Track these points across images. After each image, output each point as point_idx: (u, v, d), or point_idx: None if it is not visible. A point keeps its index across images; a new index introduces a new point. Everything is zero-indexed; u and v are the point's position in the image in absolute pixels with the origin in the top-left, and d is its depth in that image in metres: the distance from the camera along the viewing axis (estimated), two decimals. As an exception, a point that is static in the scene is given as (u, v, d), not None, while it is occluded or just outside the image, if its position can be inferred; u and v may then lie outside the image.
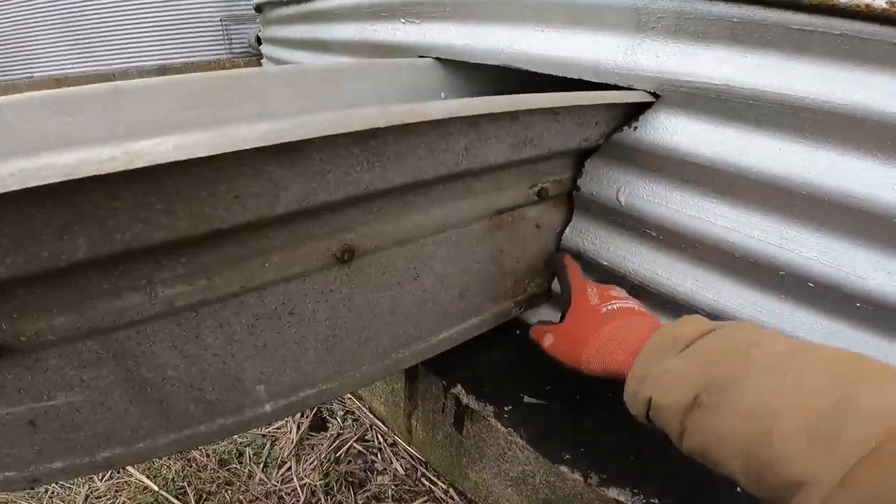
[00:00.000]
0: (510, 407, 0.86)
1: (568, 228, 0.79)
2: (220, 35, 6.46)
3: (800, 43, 0.55)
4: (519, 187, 0.69)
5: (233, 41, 6.59)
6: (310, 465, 1.14)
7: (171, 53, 6.38)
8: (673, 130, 0.64)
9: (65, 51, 6.24)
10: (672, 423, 0.45)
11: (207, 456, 1.15)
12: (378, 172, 0.48)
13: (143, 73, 6.28)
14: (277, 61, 1.87)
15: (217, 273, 0.45)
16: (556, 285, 0.85)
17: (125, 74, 6.25)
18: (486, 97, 0.51)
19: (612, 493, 0.73)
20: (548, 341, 0.65)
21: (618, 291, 0.64)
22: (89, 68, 6.18)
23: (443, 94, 0.93)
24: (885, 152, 0.53)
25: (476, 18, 0.87)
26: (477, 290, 0.73)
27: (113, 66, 6.23)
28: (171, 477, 1.11)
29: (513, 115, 0.55)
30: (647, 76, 0.65)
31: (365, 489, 1.10)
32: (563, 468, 0.78)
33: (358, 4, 1.13)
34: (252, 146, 0.33)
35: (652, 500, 0.70)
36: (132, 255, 0.39)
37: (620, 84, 0.68)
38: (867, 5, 0.51)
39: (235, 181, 0.38)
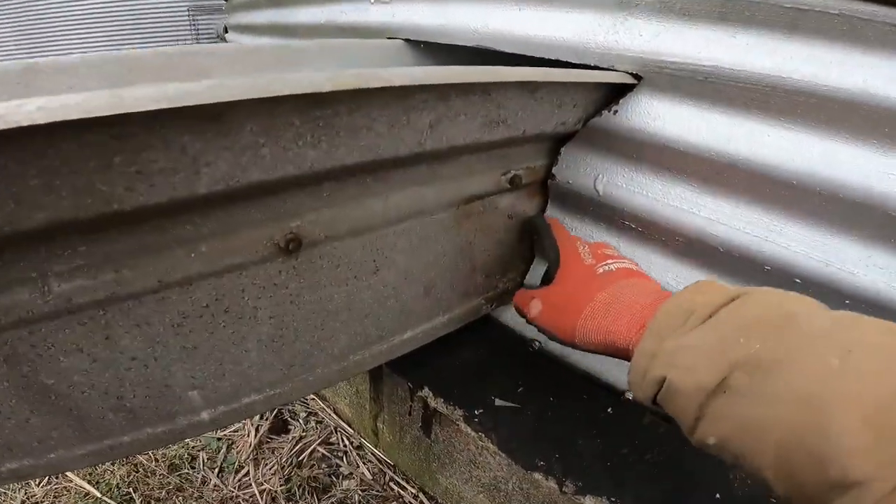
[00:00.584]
0: (481, 410, 0.80)
1: (543, 220, 0.74)
2: (186, 25, 6.28)
3: (793, 22, 0.51)
4: (490, 174, 0.63)
5: (200, 32, 6.40)
6: (270, 469, 1.07)
7: (135, 44, 6.17)
8: (655, 115, 0.59)
9: (23, 40, 5.92)
10: (688, 409, 0.38)
11: (156, 461, 1.06)
12: (325, 149, 0.41)
13: None
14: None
15: (128, 265, 0.38)
16: (528, 280, 0.80)
17: None
18: (457, 66, 0.45)
19: (588, 501, 0.68)
20: (534, 310, 0.56)
21: (612, 249, 0.56)
22: (50, 56, 5.95)
23: None
24: (881, 140, 0.49)
25: None
26: (444, 286, 0.67)
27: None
28: (115, 483, 1.03)
29: (486, 89, 0.49)
30: (630, 56, 0.60)
31: (330, 494, 1.04)
32: (537, 475, 0.73)
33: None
34: (145, 109, 0.26)
35: (628, 511, 0.65)
36: (12, 242, 0.32)
37: (601, 65, 0.63)
38: None
39: (138, 153, 0.31)
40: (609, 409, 0.79)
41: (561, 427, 0.78)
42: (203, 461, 1.07)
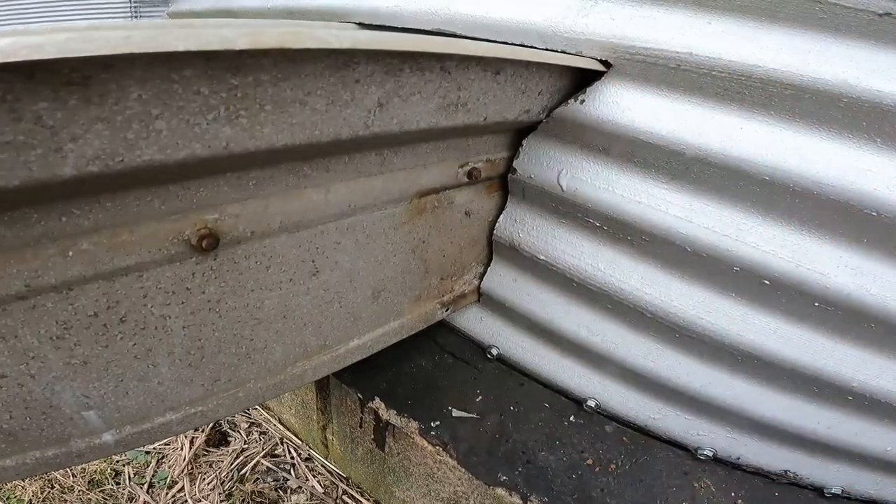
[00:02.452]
0: (437, 422, 0.74)
1: (501, 217, 0.68)
2: (128, 17, 5.90)
3: (771, 9, 0.47)
4: (446, 166, 0.56)
5: None
6: (208, 484, 0.96)
7: None
8: (624, 105, 0.54)
9: None
10: None
11: (74, 476, 0.94)
12: (246, 126, 0.33)
13: None
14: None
15: (-25, 266, 0.29)
16: (486, 283, 0.74)
17: None
18: (411, 34, 0.38)
19: None
20: None
21: None
22: None
23: None
24: (858, 135, 0.46)
25: None
26: (395, 289, 0.60)
27: None
28: (26, 499, 0.90)
29: (444, 66, 0.42)
30: (600, 41, 0.55)
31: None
32: (500, 490, 0.67)
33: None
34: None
35: (593, 529, 0.61)
36: None
37: (569, 51, 0.57)
38: None
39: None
40: (572, 418, 0.75)
41: (523, 438, 0.73)
42: (129, 476, 0.95)
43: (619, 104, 0.55)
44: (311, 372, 0.56)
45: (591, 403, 0.73)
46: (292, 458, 1.01)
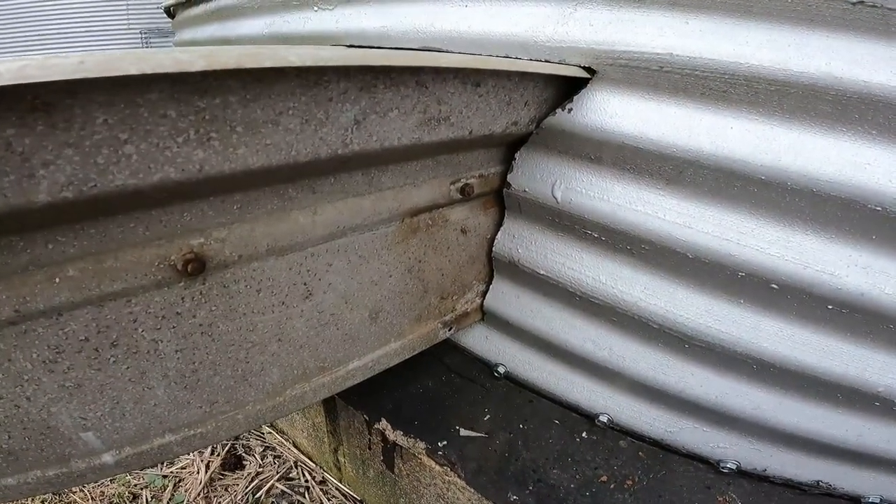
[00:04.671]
0: (444, 442, 0.72)
1: (499, 233, 0.67)
2: (140, 48, 6.24)
3: (745, 4, 0.46)
4: (437, 183, 0.56)
5: None
6: (223, 508, 0.96)
7: None
8: (612, 111, 0.54)
9: None
10: None
11: (92, 499, 0.94)
12: (218, 149, 0.34)
13: None
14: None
15: (-37, 294, 0.30)
16: (489, 301, 0.72)
17: None
18: (381, 49, 0.39)
19: None
20: None
21: None
22: None
23: None
24: (851, 126, 0.44)
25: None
26: (393, 310, 0.59)
27: None
28: None
29: (420, 80, 0.42)
30: (581, 48, 0.55)
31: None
32: (508, 511, 0.64)
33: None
34: None
35: (606, 553, 0.57)
36: None
37: (552, 60, 0.57)
38: None
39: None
40: (584, 434, 0.72)
41: (533, 456, 0.70)
42: (147, 500, 0.95)
43: (607, 110, 0.54)
44: (310, 394, 0.55)
45: (604, 419, 0.70)
46: (306, 481, 0.99)
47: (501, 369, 0.77)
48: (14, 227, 0.30)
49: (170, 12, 1.55)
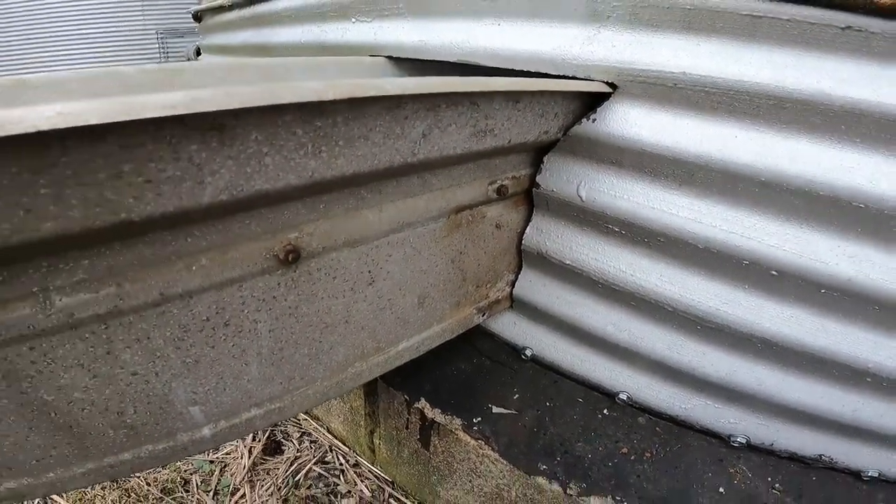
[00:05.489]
0: (478, 419, 0.80)
1: (528, 228, 0.76)
2: (155, 49, 6.16)
3: (750, 29, 0.55)
4: (478, 184, 0.65)
5: (170, 55, 6.30)
6: (266, 490, 1.04)
7: (108, 65, 6.13)
8: (631, 121, 0.62)
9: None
10: None
11: (148, 484, 1.02)
12: (325, 159, 0.42)
13: None
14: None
15: (130, 278, 0.38)
16: (518, 289, 0.81)
17: None
18: (446, 77, 0.47)
19: (594, 502, 0.68)
20: None
21: None
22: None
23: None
24: (838, 136, 0.52)
25: (430, 13, 0.83)
26: (437, 296, 0.68)
27: None
28: None
29: (473, 100, 0.51)
30: (605, 66, 0.63)
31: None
32: (541, 479, 0.73)
33: (307, 4, 1.08)
34: (159, 115, 0.27)
35: (630, 508, 0.66)
36: (16, 255, 0.32)
37: (579, 76, 0.66)
38: None
39: (147, 162, 0.32)
40: (605, 411, 0.80)
41: (560, 431, 0.78)
42: (196, 484, 1.03)
43: (627, 121, 0.62)
44: (367, 372, 0.64)
45: (623, 396, 0.79)
46: (341, 464, 1.08)
47: (528, 352, 0.85)
48: (167, 225, 0.38)
49: (197, 17, 1.63)
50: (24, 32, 5.79)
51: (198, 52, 2.28)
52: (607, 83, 0.63)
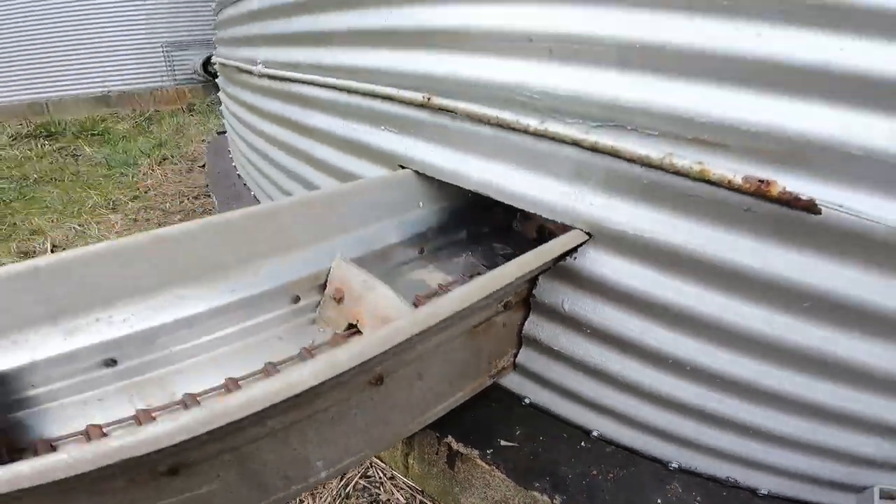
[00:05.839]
0: (490, 450, 1.11)
1: (527, 322, 1.04)
2: (161, 62, 6.29)
3: (687, 205, 0.80)
4: (492, 308, 0.93)
5: (176, 68, 6.41)
6: (324, 500, 1.35)
7: (110, 81, 6.16)
8: (602, 262, 0.90)
9: (18, 76, 5.82)
10: None
11: None
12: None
13: (80, 100, 6.02)
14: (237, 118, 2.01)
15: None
16: (519, 359, 1.11)
17: (59, 103, 5.96)
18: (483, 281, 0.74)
19: None
20: None
21: None
22: (20, 96, 5.87)
23: (420, 203, 1.13)
24: (752, 297, 0.80)
25: (452, 145, 1.07)
26: (462, 376, 0.97)
27: (47, 94, 5.94)
28: None
29: (505, 289, 0.79)
30: (584, 218, 0.90)
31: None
32: (535, 493, 1.04)
33: (338, 101, 1.32)
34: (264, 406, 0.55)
35: (596, 519, 0.97)
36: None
37: (566, 219, 0.92)
38: (729, 181, 0.75)
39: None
40: (582, 444, 1.11)
41: (549, 458, 1.09)
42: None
43: (598, 261, 0.90)
44: (413, 428, 0.94)
45: (595, 434, 1.10)
46: (380, 478, 1.39)
47: (527, 400, 1.15)
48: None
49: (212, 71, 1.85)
50: (29, 51, 5.81)
51: (204, 66, 2.48)
52: (585, 232, 0.90)
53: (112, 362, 0.75)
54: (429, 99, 0.99)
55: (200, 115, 6.00)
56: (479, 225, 1.21)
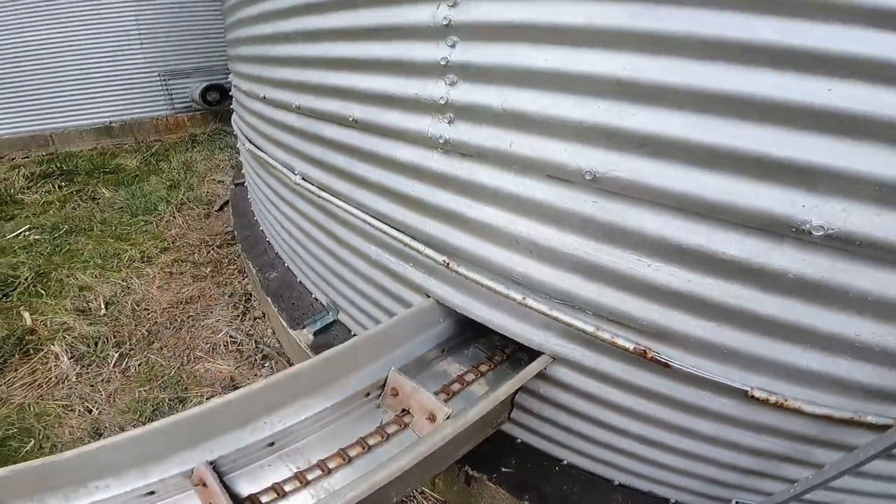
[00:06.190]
0: (495, 474, 1.66)
1: (517, 397, 1.59)
2: (159, 91, 6.56)
3: (606, 350, 1.36)
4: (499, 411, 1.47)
5: (174, 97, 6.67)
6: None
7: (111, 111, 6.42)
8: (560, 373, 1.44)
9: (20, 109, 6.05)
10: None
11: None
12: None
13: (81, 132, 6.31)
14: (269, 201, 2.50)
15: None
16: (512, 416, 1.65)
17: (63, 135, 6.26)
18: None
19: None
20: None
21: None
22: (24, 128, 6.13)
23: (441, 320, 1.65)
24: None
25: (463, 292, 1.57)
26: (476, 433, 1.51)
27: (49, 126, 6.21)
28: None
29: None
30: (550, 350, 1.42)
31: (409, 520, 1.89)
32: (526, 503, 1.60)
33: (373, 234, 1.83)
34: None
35: (564, 519, 1.54)
36: None
37: (539, 349, 1.45)
38: (624, 347, 1.31)
39: None
40: (556, 469, 1.67)
41: (535, 480, 1.65)
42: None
43: (558, 372, 1.44)
44: (448, 464, 1.48)
45: (565, 462, 1.66)
46: (415, 494, 1.95)
47: (518, 440, 1.71)
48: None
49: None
50: (30, 84, 6.01)
51: (203, 96, 2.71)
52: (551, 356, 1.44)
53: (272, 444, 1.28)
54: (448, 264, 1.50)
55: (204, 146, 6.36)
56: (481, 326, 1.74)
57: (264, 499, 1.16)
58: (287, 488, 1.18)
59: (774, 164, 0.91)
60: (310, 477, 1.22)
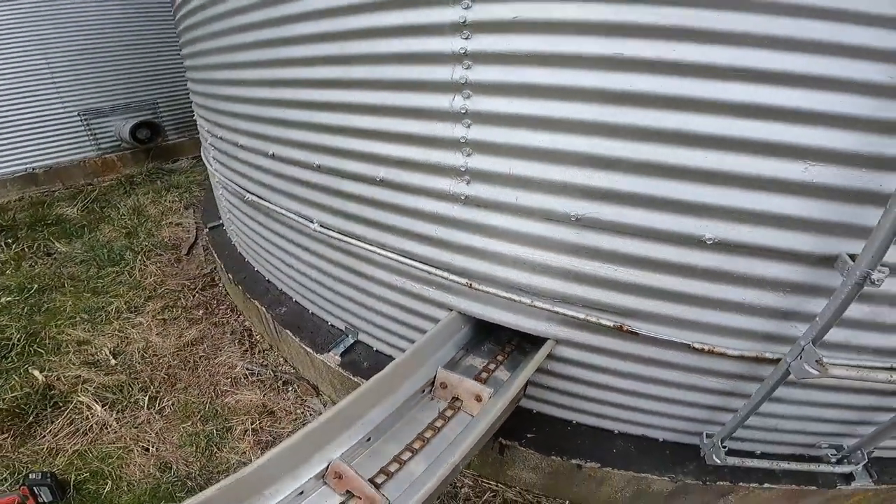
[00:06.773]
0: (524, 440, 2.22)
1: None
2: (81, 131, 6.38)
3: (597, 329, 1.96)
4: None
5: (98, 137, 6.49)
6: (424, 491, 2.41)
7: (32, 156, 6.20)
8: (562, 351, 2.02)
9: None
10: None
11: None
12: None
13: (5, 181, 6.05)
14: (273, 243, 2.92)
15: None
16: (528, 390, 2.22)
17: None
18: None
19: (589, 465, 2.14)
20: None
21: None
22: None
23: (462, 326, 2.19)
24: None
25: (482, 303, 2.11)
26: (507, 410, 2.06)
27: None
28: None
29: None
30: (554, 335, 2.01)
31: (456, 496, 2.42)
32: (552, 457, 2.17)
33: (391, 265, 2.33)
34: None
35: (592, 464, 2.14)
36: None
37: (546, 336, 2.03)
38: (605, 325, 1.92)
39: None
40: (568, 428, 2.26)
41: (555, 440, 2.22)
42: None
43: (560, 350, 2.03)
44: (489, 437, 2.03)
45: (574, 422, 2.26)
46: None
47: (534, 411, 2.28)
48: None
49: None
50: None
51: (133, 132, 2.57)
52: (555, 340, 2.03)
53: (369, 439, 1.77)
54: (471, 285, 2.04)
55: (146, 188, 6.27)
56: (490, 327, 2.29)
57: (379, 480, 1.65)
58: (404, 458, 1.68)
59: (685, 205, 1.54)
60: (407, 456, 1.72)
